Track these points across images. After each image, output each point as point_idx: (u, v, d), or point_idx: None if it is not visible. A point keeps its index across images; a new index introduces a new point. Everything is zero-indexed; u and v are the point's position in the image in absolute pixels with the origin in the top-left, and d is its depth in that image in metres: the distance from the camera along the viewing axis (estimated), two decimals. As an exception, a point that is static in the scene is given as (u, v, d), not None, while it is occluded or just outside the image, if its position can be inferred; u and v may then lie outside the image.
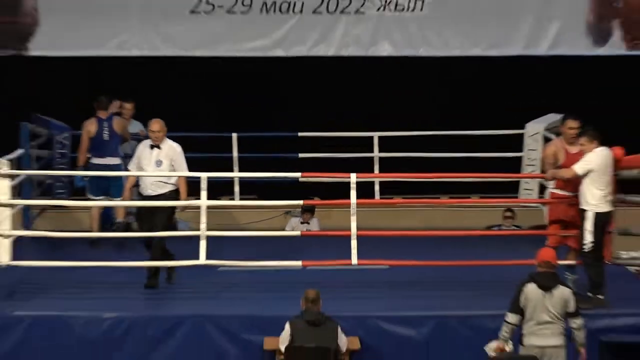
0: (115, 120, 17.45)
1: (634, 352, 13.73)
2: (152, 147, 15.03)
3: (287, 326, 12.99)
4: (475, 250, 15.71)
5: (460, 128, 18.62)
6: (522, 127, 18.18)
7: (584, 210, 13.93)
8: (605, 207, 13.97)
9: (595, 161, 13.91)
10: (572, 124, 14.39)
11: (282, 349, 13.02)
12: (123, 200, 15.37)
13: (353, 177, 14.36)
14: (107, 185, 17.16)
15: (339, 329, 13.20)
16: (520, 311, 12.66)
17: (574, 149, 14.33)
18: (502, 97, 19.53)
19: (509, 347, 12.72)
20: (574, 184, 14.21)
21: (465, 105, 19.76)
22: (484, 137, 18.61)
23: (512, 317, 12.68)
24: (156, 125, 15.06)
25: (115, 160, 17.35)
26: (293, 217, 18.56)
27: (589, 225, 13.89)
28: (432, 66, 19.57)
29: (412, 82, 19.82)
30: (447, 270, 15.13)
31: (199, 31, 19.34)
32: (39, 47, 19.27)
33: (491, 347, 12.74)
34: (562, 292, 12.73)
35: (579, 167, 13.86)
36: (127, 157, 17.34)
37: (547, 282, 12.75)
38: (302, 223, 18.49)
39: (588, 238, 13.89)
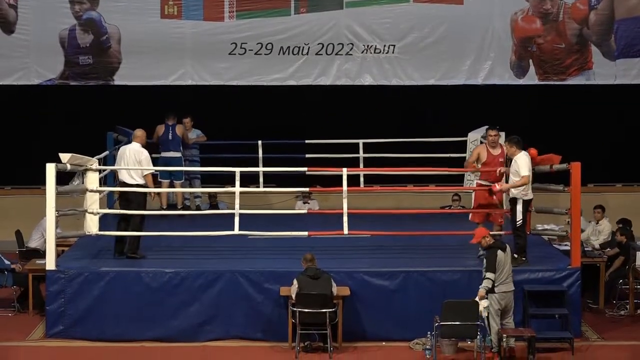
0: (177, 126, 17.43)
1: (547, 297, 13.64)
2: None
3: (295, 281, 13.10)
4: (432, 223, 15.53)
5: (422, 136, 18.19)
6: (465, 135, 17.73)
7: (515, 199, 13.48)
8: (529, 196, 13.67)
9: (529, 163, 13.55)
10: (492, 132, 14.28)
11: (293, 296, 12.86)
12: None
13: (344, 171, 14.16)
14: (171, 171, 17.06)
15: (332, 280, 13.15)
16: (496, 270, 12.54)
17: (494, 151, 14.12)
18: (451, 113, 19.17)
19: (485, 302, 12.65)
20: (494, 176, 14.03)
21: (424, 119, 19.40)
22: (438, 143, 18.22)
23: (492, 275, 12.55)
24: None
25: (176, 154, 17.29)
26: (298, 200, 18.34)
27: (519, 208, 13.59)
28: (400, 92, 19.24)
29: (387, 103, 19.49)
30: (412, 237, 14.86)
31: (235, 67, 19.10)
32: (121, 78, 19.09)
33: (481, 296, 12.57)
34: (509, 249, 12.83)
35: (525, 175, 13.43)
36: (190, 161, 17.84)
37: (502, 245, 12.81)
38: (304, 203, 18.21)
39: (519, 217, 13.61)
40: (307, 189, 15.88)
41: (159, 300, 13.47)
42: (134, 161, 14.16)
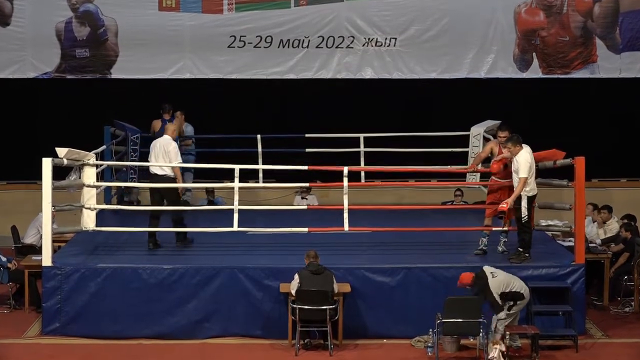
0: (174, 121, 17.20)
1: (551, 294, 13.62)
2: None
3: (296, 275, 13.12)
4: (434, 219, 15.38)
5: (424, 130, 18.20)
6: (468, 130, 17.68)
7: (519, 195, 13.44)
8: (533, 192, 13.62)
9: (529, 159, 13.48)
10: (501, 133, 14.14)
11: (293, 292, 12.96)
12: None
13: (345, 169, 14.12)
14: None
15: (334, 277, 13.13)
16: (501, 300, 12.73)
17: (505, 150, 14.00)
18: (453, 107, 19.15)
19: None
20: (505, 173, 13.90)
21: (426, 113, 19.38)
22: (440, 137, 18.22)
23: (503, 313, 12.69)
24: None
25: None
26: (297, 195, 18.37)
27: (524, 204, 13.52)
28: (402, 85, 19.21)
29: (388, 96, 19.43)
30: (414, 233, 14.77)
31: (234, 60, 19.11)
32: (118, 71, 19.10)
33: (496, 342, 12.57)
34: (487, 268, 12.96)
35: (524, 173, 13.36)
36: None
37: (481, 273, 12.82)
38: (302, 199, 18.25)
39: (524, 212, 13.54)
40: (307, 184, 15.90)
41: (157, 297, 13.45)
42: (162, 153, 14.41)
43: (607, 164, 19.25)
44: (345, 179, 13.98)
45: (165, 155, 14.38)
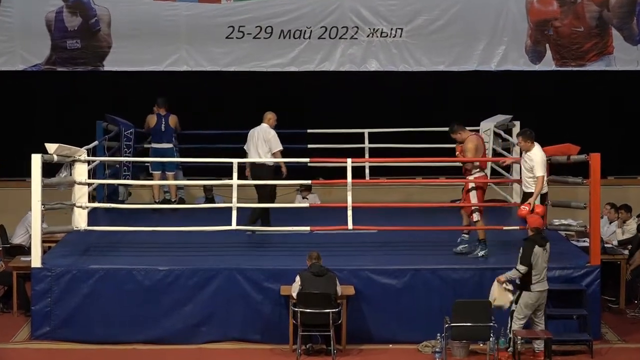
0: (170, 116, 17.37)
1: (565, 296, 13.60)
2: None
3: (298, 277, 13.14)
4: (442, 218, 15.40)
5: (430, 125, 18.14)
6: (478, 125, 17.60)
7: (531, 193, 13.53)
8: (545, 189, 13.69)
9: (544, 157, 13.53)
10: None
11: (294, 295, 12.96)
12: None
13: (349, 161, 14.14)
14: (163, 163, 17.07)
15: (337, 279, 13.12)
16: (531, 264, 12.57)
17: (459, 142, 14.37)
18: (462, 101, 19.13)
19: (510, 286, 12.74)
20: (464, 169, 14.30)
21: (433, 107, 19.34)
22: (448, 133, 17.96)
23: (523, 268, 12.58)
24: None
25: (169, 145, 17.30)
26: (298, 194, 18.38)
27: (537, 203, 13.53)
28: (408, 78, 19.21)
29: (394, 90, 19.44)
30: (421, 233, 14.78)
31: (232, 52, 19.09)
32: (111, 64, 19.06)
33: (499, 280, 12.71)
34: (549, 246, 12.81)
35: (541, 171, 13.44)
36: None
37: (542, 241, 12.72)
38: (303, 198, 18.17)
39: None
40: (309, 182, 15.89)
41: (152, 299, 13.45)
42: (262, 140, 15.34)
43: (623, 161, 19.23)
44: (349, 175, 13.99)
45: (264, 143, 15.19)
